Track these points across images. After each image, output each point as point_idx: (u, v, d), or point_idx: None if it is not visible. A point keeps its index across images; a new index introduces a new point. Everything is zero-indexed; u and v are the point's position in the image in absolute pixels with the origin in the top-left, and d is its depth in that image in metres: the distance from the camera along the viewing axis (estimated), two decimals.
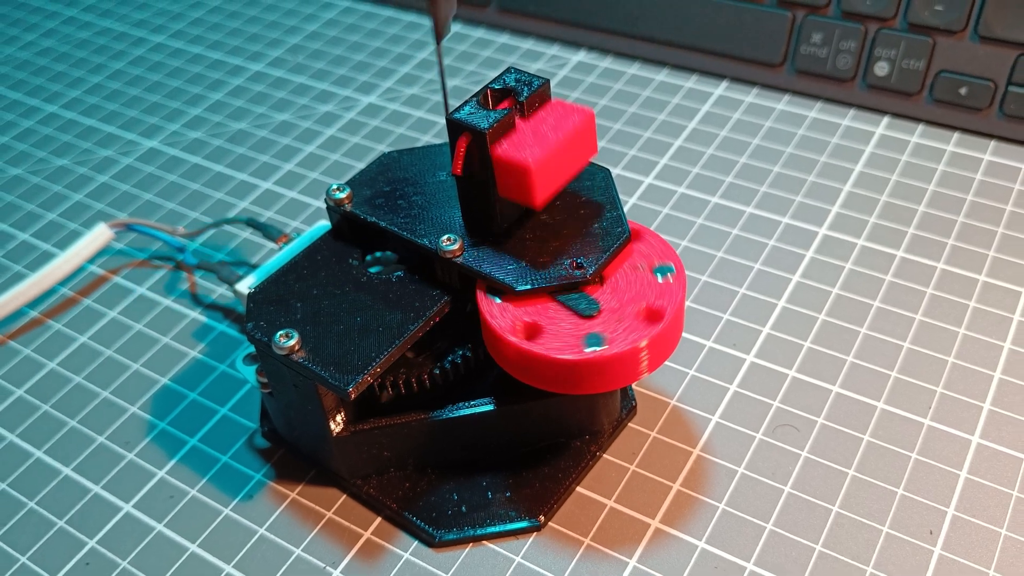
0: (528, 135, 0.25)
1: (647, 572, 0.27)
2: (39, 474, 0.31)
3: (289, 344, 0.26)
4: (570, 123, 0.26)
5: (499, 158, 0.25)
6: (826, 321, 0.33)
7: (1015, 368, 0.31)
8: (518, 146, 0.25)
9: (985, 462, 0.29)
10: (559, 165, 0.26)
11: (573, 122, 0.26)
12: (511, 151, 0.25)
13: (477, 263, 0.26)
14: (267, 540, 0.29)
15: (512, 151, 0.25)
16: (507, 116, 0.25)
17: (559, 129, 0.25)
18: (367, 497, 0.29)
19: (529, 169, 0.25)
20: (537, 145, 0.25)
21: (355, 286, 0.28)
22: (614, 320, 0.25)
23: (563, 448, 0.30)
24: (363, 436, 0.28)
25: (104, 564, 0.28)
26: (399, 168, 0.30)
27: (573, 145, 0.26)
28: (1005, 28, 0.39)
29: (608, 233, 0.27)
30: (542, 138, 0.25)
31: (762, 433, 0.30)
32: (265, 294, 0.28)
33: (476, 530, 0.28)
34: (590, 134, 0.26)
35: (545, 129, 0.25)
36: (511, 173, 0.25)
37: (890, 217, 0.37)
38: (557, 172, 0.26)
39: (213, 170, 0.43)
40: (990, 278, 0.34)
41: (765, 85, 0.44)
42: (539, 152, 0.25)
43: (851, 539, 0.27)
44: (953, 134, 0.41)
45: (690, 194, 0.39)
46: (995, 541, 0.27)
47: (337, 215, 0.29)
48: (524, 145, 0.25)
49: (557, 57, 0.47)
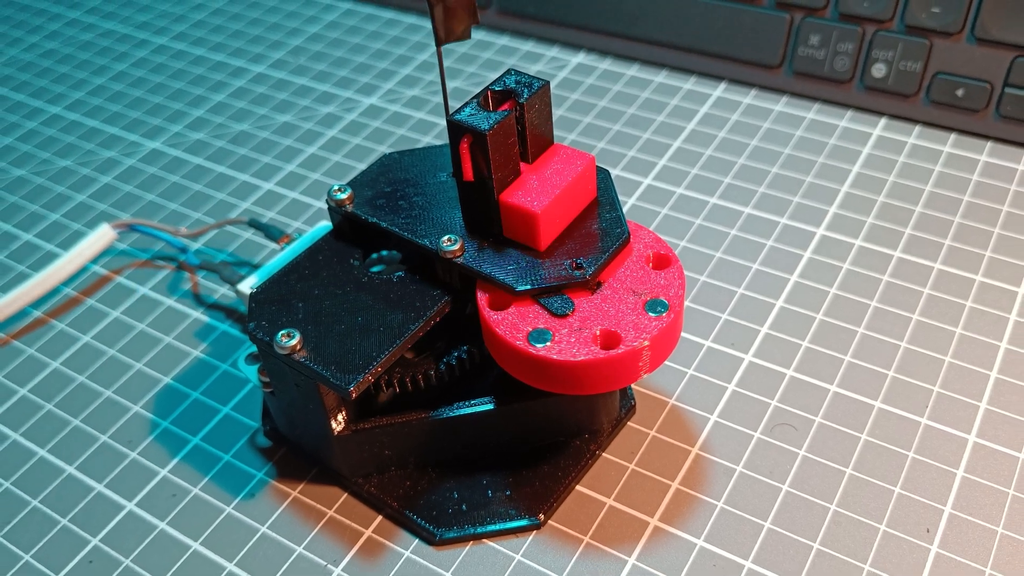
0: (533, 181, 0.26)
1: (646, 570, 0.27)
2: (42, 473, 0.31)
3: (291, 344, 0.26)
4: (573, 170, 0.27)
5: (507, 204, 0.26)
6: (824, 321, 0.33)
7: (1011, 368, 0.31)
8: (524, 192, 0.26)
9: (982, 461, 0.29)
10: (563, 209, 0.27)
11: (576, 169, 0.27)
12: (518, 197, 0.26)
13: (477, 263, 0.26)
14: (269, 538, 0.29)
15: (519, 197, 0.26)
16: (507, 118, 0.25)
17: (563, 175, 0.27)
18: (368, 495, 0.29)
19: (536, 215, 0.26)
20: (543, 191, 0.26)
21: (356, 286, 0.28)
22: (619, 317, 0.25)
23: (563, 447, 0.30)
24: (364, 435, 0.28)
25: (107, 562, 0.28)
26: (400, 169, 0.30)
27: (576, 190, 0.27)
28: (1001, 30, 0.39)
29: (607, 234, 0.27)
30: (547, 184, 0.26)
31: (760, 432, 0.30)
32: (267, 294, 0.28)
33: (476, 528, 0.28)
34: (591, 178, 0.28)
35: (550, 175, 0.26)
36: (518, 218, 0.26)
37: (887, 218, 0.37)
38: (561, 216, 0.27)
39: (215, 171, 0.43)
40: (987, 278, 0.34)
41: (763, 87, 0.44)
42: (545, 198, 0.26)
43: (849, 537, 0.27)
44: (950, 135, 0.41)
45: (689, 195, 0.39)
46: (991, 539, 0.27)
47: (338, 216, 0.29)
48: (530, 191, 0.26)
49: (557, 59, 0.47)
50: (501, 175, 0.26)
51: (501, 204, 0.26)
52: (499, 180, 0.26)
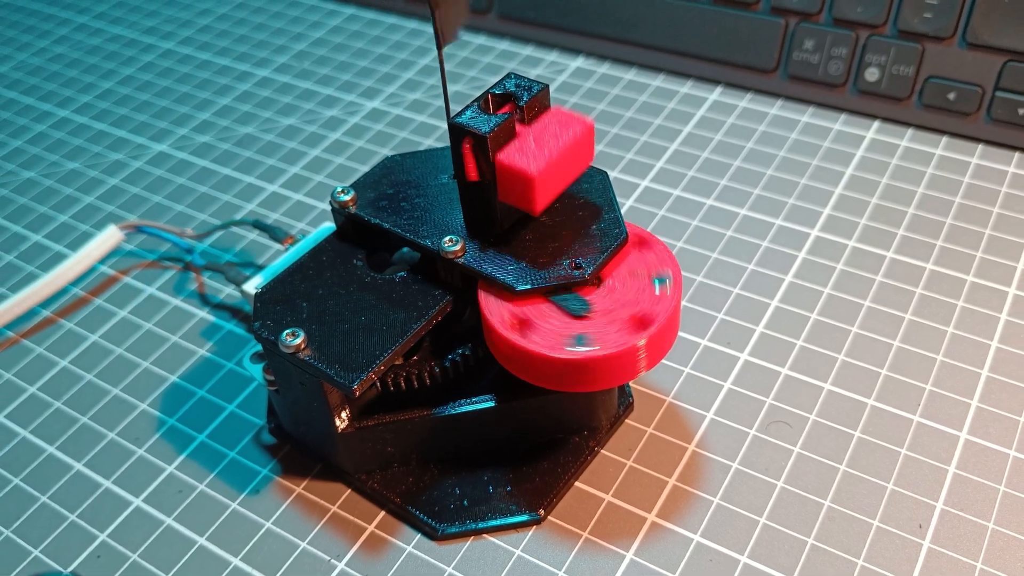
0: (530, 142, 0.25)
1: (644, 565, 0.27)
2: (51, 469, 0.31)
3: (295, 343, 0.26)
4: (571, 132, 0.26)
5: (502, 164, 0.25)
6: (818, 320, 0.33)
7: (1002, 366, 0.31)
8: (521, 153, 0.25)
9: (973, 458, 0.29)
10: (559, 173, 0.26)
11: (573, 131, 0.26)
12: (514, 158, 0.25)
13: (478, 263, 0.26)
14: (273, 533, 0.29)
15: (515, 158, 0.25)
16: (508, 121, 0.25)
17: (560, 138, 0.25)
18: (371, 491, 0.29)
19: (532, 177, 0.25)
20: (540, 153, 0.25)
21: (359, 286, 0.28)
22: (605, 322, 0.25)
23: (562, 444, 0.30)
24: (367, 432, 0.28)
25: (115, 557, 0.28)
26: (402, 171, 0.30)
27: (573, 154, 0.26)
28: (992, 35, 0.39)
29: (606, 234, 0.27)
30: (544, 146, 0.25)
31: (756, 429, 0.30)
32: (272, 294, 0.28)
33: (478, 523, 0.28)
34: (588, 143, 0.26)
35: (547, 137, 0.25)
36: (513, 180, 0.25)
37: (880, 219, 0.37)
38: (557, 180, 0.26)
39: (221, 173, 0.43)
40: (978, 278, 0.34)
41: (758, 90, 0.44)
42: (542, 161, 0.25)
43: (842, 533, 0.27)
44: (942, 138, 0.41)
45: (685, 196, 0.39)
46: (983, 535, 0.27)
47: (341, 217, 0.29)
48: (527, 153, 0.25)
49: (556, 63, 0.47)
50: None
51: (497, 164, 0.25)
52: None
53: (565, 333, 0.25)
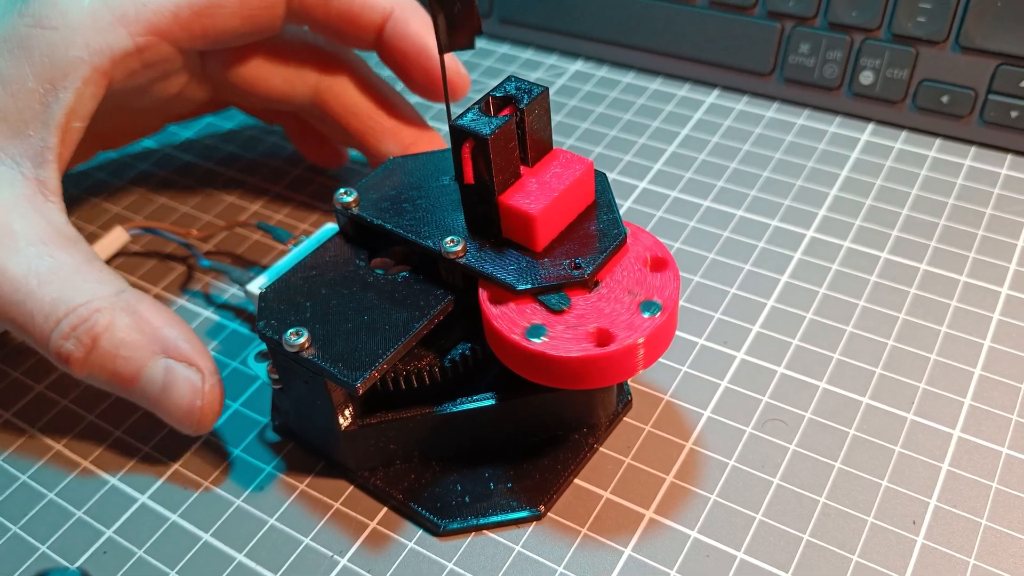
0: (532, 184, 0.26)
1: (642, 561, 0.27)
2: (59, 466, 0.31)
3: (299, 342, 0.26)
4: (572, 174, 0.27)
5: (506, 205, 0.26)
6: (813, 320, 0.33)
7: (994, 365, 0.31)
8: (523, 195, 0.26)
9: (966, 455, 0.29)
10: (560, 212, 0.27)
11: (574, 173, 0.27)
12: (517, 200, 0.26)
13: (480, 263, 0.27)
14: (277, 530, 0.29)
15: (518, 200, 0.26)
16: (508, 123, 0.25)
17: (562, 179, 0.26)
18: (374, 488, 0.29)
19: (534, 217, 0.26)
20: (541, 195, 0.26)
21: (362, 286, 0.28)
22: (610, 319, 0.25)
23: (562, 441, 0.30)
24: (370, 430, 0.28)
25: (121, 553, 0.28)
26: (404, 173, 0.30)
27: (573, 193, 0.27)
28: (985, 39, 0.39)
29: (605, 234, 0.27)
30: (545, 187, 0.26)
31: (752, 427, 0.30)
32: (276, 294, 0.28)
33: (479, 519, 0.28)
34: (589, 183, 0.28)
35: (548, 179, 0.27)
36: (516, 220, 0.26)
37: (875, 220, 0.37)
38: (558, 218, 0.27)
39: (225, 174, 0.43)
40: (970, 278, 0.34)
41: (755, 93, 0.44)
42: (543, 201, 0.26)
43: (837, 529, 0.27)
44: (935, 140, 0.41)
45: (683, 198, 0.39)
46: (976, 531, 0.27)
47: (344, 218, 0.29)
48: (529, 194, 0.26)
49: (555, 67, 0.47)
50: (502, 178, 0.26)
51: (500, 206, 0.26)
52: (500, 183, 0.26)
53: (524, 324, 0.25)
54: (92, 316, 0.28)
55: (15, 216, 0.29)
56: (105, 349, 0.28)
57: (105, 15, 0.30)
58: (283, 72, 0.35)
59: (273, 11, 0.33)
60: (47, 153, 0.30)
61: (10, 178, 0.29)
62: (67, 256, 0.29)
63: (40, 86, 0.29)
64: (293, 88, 0.35)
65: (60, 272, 0.28)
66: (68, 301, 0.28)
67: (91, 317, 0.28)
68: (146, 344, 0.28)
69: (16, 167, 0.29)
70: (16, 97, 0.29)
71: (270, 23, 0.33)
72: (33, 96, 0.29)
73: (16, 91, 0.29)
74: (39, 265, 0.28)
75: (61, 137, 0.30)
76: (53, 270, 0.28)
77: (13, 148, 0.29)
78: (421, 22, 0.35)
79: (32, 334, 0.28)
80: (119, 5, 0.30)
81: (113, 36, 0.30)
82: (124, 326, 0.28)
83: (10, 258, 0.28)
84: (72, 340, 0.28)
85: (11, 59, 0.29)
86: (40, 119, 0.29)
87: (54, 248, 0.29)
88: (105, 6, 0.30)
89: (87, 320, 0.28)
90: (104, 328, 0.28)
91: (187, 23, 0.31)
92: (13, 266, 0.28)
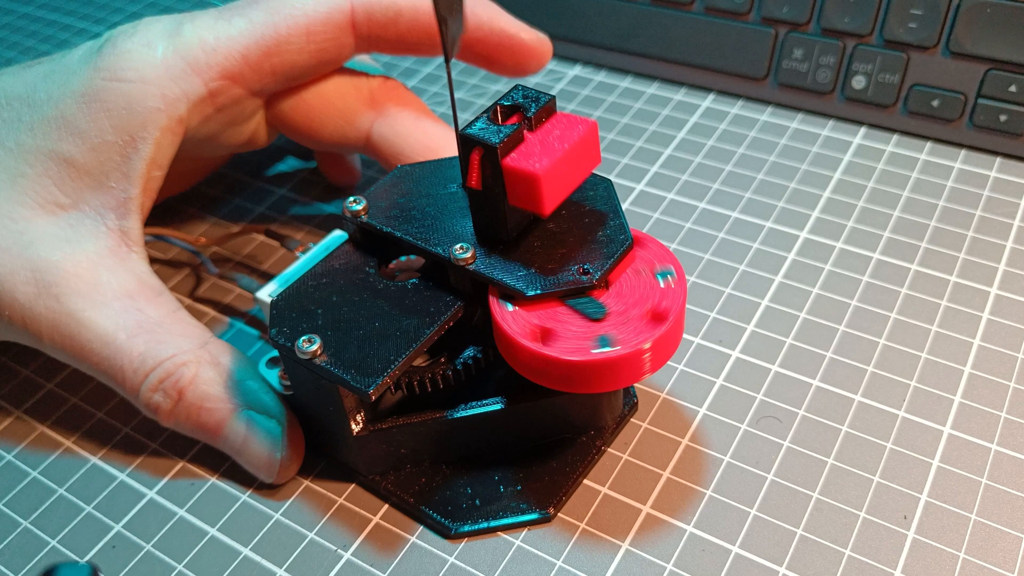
0: (536, 146, 0.25)
1: (639, 555, 0.27)
2: (69, 462, 0.31)
3: (312, 349, 0.26)
4: (575, 134, 0.26)
5: (509, 168, 0.25)
6: (807, 319, 0.33)
7: (984, 363, 0.31)
8: (527, 157, 0.25)
9: (956, 451, 0.29)
10: (566, 174, 0.26)
11: (578, 133, 0.26)
12: (521, 162, 0.25)
13: (489, 270, 0.26)
14: (282, 524, 0.29)
15: (522, 162, 0.25)
16: (516, 131, 0.25)
17: (565, 140, 0.25)
18: (385, 492, 0.29)
19: (538, 178, 0.25)
20: (545, 156, 0.25)
21: (372, 293, 0.28)
22: (620, 322, 0.25)
23: (570, 443, 0.30)
24: (381, 435, 0.28)
25: (130, 547, 0.28)
26: (412, 180, 0.30)
27: (578, 155, 0.26)
28: (975, 44, 0.39)
29: (612, 240, 0.27)
30: (549, 149, 0.25)
31: (747, 424, 0.30)
32: (287, 301, 0.28)
33: (490, 522, 0.28)
34: (594, 144, 0.26)
35: (552, 140, 0.25)
36: (521, 182, 0.25)
37: (867, 221, 0.37)
38: (564, 181, 0.26)
39: (232, 176, 0.43)
40: (960, 279, 0.35)
41: (749, 98, 0.44)
42: (547, 162, 0.25)
43: (830, 524, 0.27)
44: (926, 144, 0.41)
45: (679, 200, 0.39)
46: (965, 526, 0.27)
47: (354, 226, 0.29)
48: (533, 156, 0.25)
49: (554, 71, 0.47)
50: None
51: (504, 169, 0.25)
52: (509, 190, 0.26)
53: (588, 337, 0.25)
54: (178, 370, 0.28)
55: (102, 269, 0.29)
56: (190, 401, 0.28)
57: (178, 64, 0.30)
58: (335, 119, 0.35)
59: (340, 41, 0.32)
60: (130, 204, 0.30)
61: (94, 230, 0.29)
62: (153, 309, 0.29)
63: (119, 138, 0.30)
64: (346, 136, 0.35)
65: (147, 325, 0.29)
66: (155, 355, 0.28)
67: (177, 371, 0.28)
68: (229, 396, 0.28)
69: (100, 219, 0.30)
70: (97, 150, 0.29)
71: (338, 53, 0.33)
72: (113, 148, 0.29)
73: (96, 144, 0.29)
74: (127, 319, 0.28)
75: (143, 187, 0.30)
76: (140, 323, 0.29)
77: (96, 200, 0.30)
78: (486, 9, 0.34)
79: (123, 386, 0.29)
80: (190, 53, 0.30)
81: (187, 84, 0.30)
82: (208, 379, 0.28)
83: (99, 312, 0.28)
84: (160, 393, 0.28)
85: (90, 113, 0.29)
86: (121, 171, 0.30)
87: (140, 301, 0.29)
88: (177, 55, 0.30)
89: (173, 374, 0.28)
90: (189, 381, 0.28)
91: (256, 64, 0.31)
92: (102, 320, 0.28)
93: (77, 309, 0.28)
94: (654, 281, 0.26)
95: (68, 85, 0.30)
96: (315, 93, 0.34)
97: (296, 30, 0.31)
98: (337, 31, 0.32)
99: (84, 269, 0.29)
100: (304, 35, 0.31)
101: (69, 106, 0.30)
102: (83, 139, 0.29)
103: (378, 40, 0.33)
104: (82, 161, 0.29)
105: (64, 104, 0.30)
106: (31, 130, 0.30)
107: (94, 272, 0.29)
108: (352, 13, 0.32)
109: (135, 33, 0.31)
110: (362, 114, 0.35)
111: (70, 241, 0.29)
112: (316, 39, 0.32)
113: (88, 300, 0.28)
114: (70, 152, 0.29)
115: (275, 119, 0.35)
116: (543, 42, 0.35)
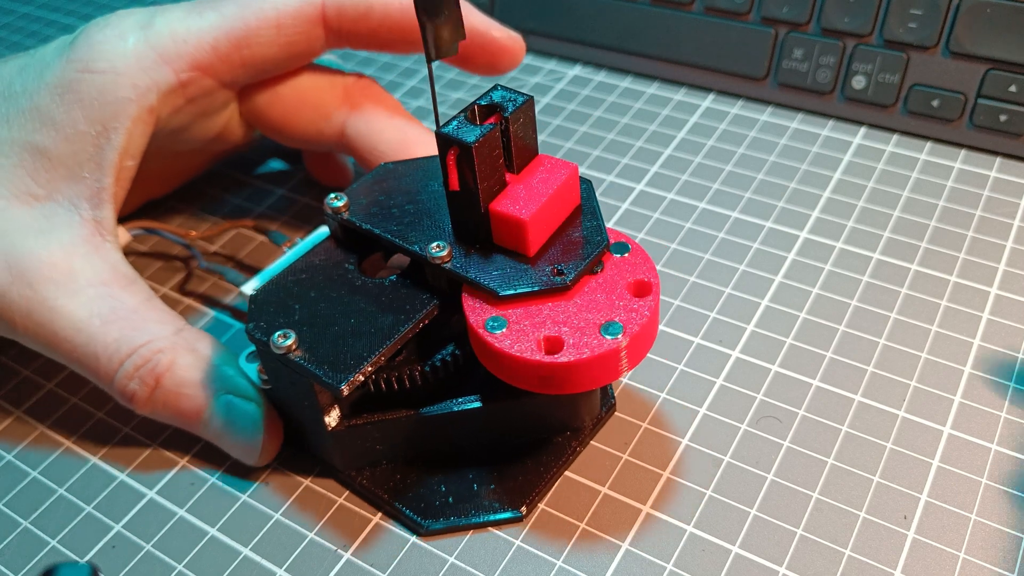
0: (520, 191, 0.26)
1: (639, 555, 0.27)
2: (69, 462, 0.31)
3: (286, 344, 0.26)
4: (557, 179, 0.26)
5: (497, 213, 0.26)
6: (807, 319, 0.33)
7: (984, 363, 0.31)
8: (514, 202, 0.26)
9: (956, 451, 0.29)
10: (549, 217, 0.26)
11: (560, 177, 0.27)
12: (508, 207, 0.26)
13: (464, 269, 0.26)
14: (282, 524, 0.29)
15: (509, 207, 0.26)
16: (492, 131, 0.25)
17: (549, 184, 0.26)
18: (360, 488, 0.29)
19: (525, 224, 0.25)
20: (532, 201, 0.26)
21: (350, 289, 0.28)
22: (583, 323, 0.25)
23: (546, 443, 0.30)
24: (356, 430, 0.28)
25: (129, 547, 0.28)
26: (394, 178, 0.30)
27: (560, 197, 0.27)
28: (974, 44, 0.39)
29: (588, 241, 0.27)
30: (534, 194, 0.26)
31: (747, 424, 0.30)
32: (266, 296, 0.28)
33: (462, 520, 0.28)
34: (574, 186, 0.27)
35: (536, 184, 0.26)
36: (508, 226, 0.26)
37: (867, 221, 0.37)
38: (547, 224, 0.27)
39: (228, 174, 0.43)
40: (960, 279, 0.34)
41: (749, 98, 0.44)
42: (533, 208, 0.26)
43: (830, 524, 0.27)
44: (926, 144, 0.41)
45: (679, 200, 0.39)
46: (965, 526, 0.27)
47: (335, 222, 0.29)
48: (519, 201, 0.26)
49: (554, 71, 0.47)
50: (487, 185, 0.26)
51: (491, 213, 0.26)
52: (485, 190, 0.26)
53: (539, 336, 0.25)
54: (155, 357, 0.28)
55: (76, 258, 0.29)
56: (168, 388, 0.28)
57: (148, 54, 0.30)
58: (309, 114, 0.35)
59: (311, 34, 0.32)
60: (103, 193, 0.30)
61: (68, 220, 0.30)
62: (127, 296, 0.29)
63: (92, 129, 0.30)
64: (320, 132, 0.35)
65: (121, 312, 0.29)
66: (130, 342, 0.28)
67: (153, 358, 0.28)
68: (207, 382, 0.28)
69: (74, 209, 0.30)
70: (70, 141, 0.30)
71: (308, 47, 0.33)
72: (86, 139, 0.30)
73: (70, 135, 0.30)
74: (101, 306, 0.28)
75: (115, 177, 0.30)
76: (114, 310, 0.29)
77: (70, 190, 0.30)
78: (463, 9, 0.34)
79: (96, 374, 0.29)
80: (160, 44, 0.31)
81: (158, 74, 0.30)
82: (185, 365, 0.28)
83: (72, 299, 0.28)
84: (136, 380, 0.28)
85: (63, 104, 0.30)
86: (94, 161, 0.30)
87: (115, 289, 0.29)
88: (148, 46, 0.30)
89: (150, 360, 0.28)
90: (166, 368, 0.28)
91: (226, 55, 0.31)
92: (76, 307, 0.28)
93: (50, 296, 0.28)
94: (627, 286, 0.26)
95: (42, 78, 0.30)
96: (290, 88, 0.34)
97: (266, 23, 0.32)
98: (308, 24, 0.32)
99: (58, 258, 0.29)
100: (274, 28, 0.32)
101: (43, 98, 0.30)
102: (57, 130, 0.29)
103: (350, 35, 0.33)
104: (56, 152, 0.29)
105: (39, 96, 0.30)
106: (6, 122, 0.30)
107: (68, 261, 0.29)
108: (323, 7, 0.32)
109: (108, 25, 0.31)
110: (336, 110, 0.35)
111: (44, 231, 0.29)
112: (286, 32, 0.32)
113: (62, 288, 0.28)
114: (44, 143, 0.29)
115: (250, 114, 0.35)
116: (515, 40, 0.35)
